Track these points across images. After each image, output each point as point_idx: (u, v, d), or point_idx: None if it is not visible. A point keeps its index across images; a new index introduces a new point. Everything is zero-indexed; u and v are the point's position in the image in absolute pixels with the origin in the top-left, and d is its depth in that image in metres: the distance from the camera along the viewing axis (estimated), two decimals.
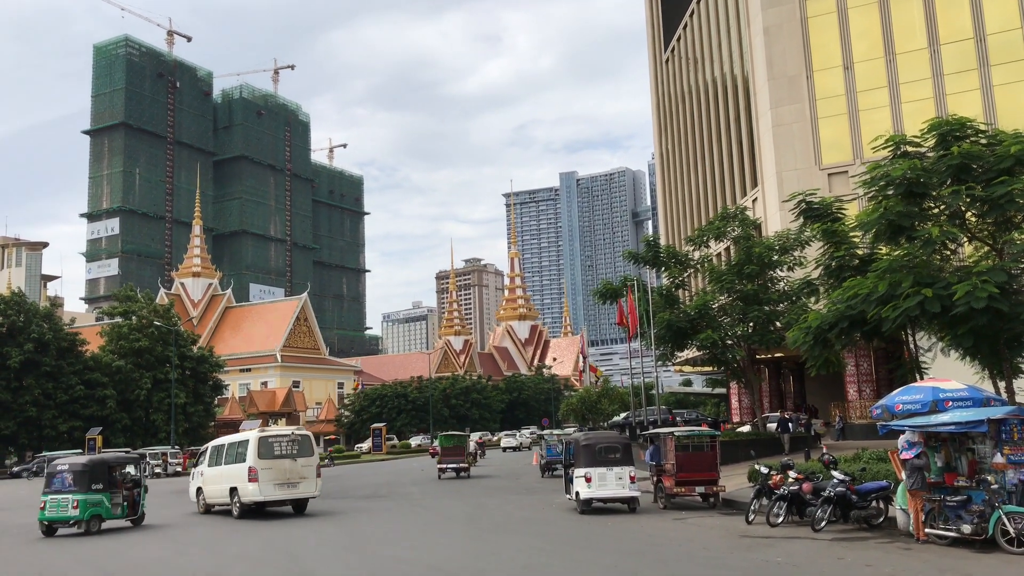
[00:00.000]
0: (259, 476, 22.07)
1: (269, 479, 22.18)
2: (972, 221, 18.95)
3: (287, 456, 22.61)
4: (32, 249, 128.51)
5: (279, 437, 23.11)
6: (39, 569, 15.57)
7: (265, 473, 22.14)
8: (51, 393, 59.35)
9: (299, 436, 23.19)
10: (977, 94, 39.17)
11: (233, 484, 22.81)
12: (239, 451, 23.13)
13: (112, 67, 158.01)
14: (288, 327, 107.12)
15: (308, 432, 24.09)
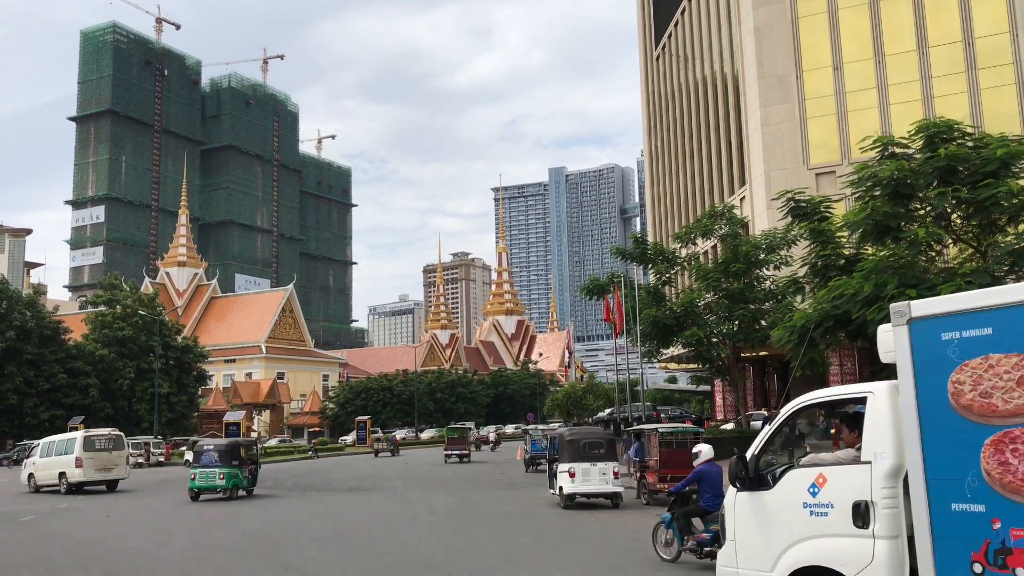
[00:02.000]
0: (84, 463, 29.67)
1: (91, 466, 29.85)
2: (957, 223, 19.08)
3: (105, 449, 30.46)
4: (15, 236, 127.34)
5: (99, 436, 31.20)
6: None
7: (88, 461, 29.78)
8: (33, 381, 58.95)
9: (114, 435, 31.50)
10: (964, 97, 39.42)
11: (62, 469, 30.11)
12: (67, 446, 30.45)
13: (99, 54, 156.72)
14: (273, 318, 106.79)
15: (120, 433, 32.66)
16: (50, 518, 21.96)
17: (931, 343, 6.24)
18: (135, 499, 27.49)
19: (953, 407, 6.05)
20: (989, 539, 5.79)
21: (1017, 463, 5.63)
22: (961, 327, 6.07)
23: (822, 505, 7.07)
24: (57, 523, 20.73)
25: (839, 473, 7.07)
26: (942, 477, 6.07)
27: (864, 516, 6.69)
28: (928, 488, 6.15)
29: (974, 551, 5.86)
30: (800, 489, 7.33)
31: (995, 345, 5.84)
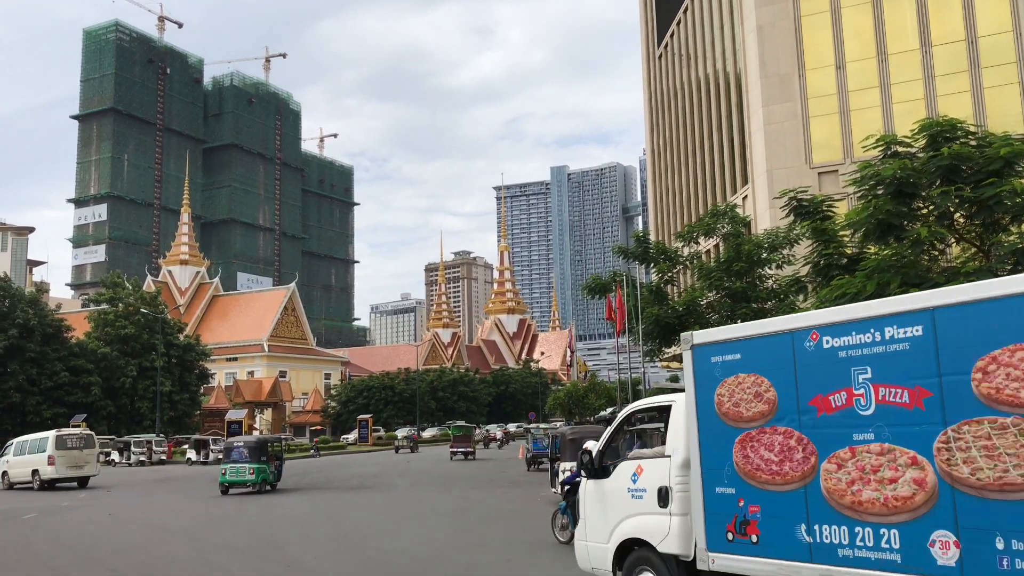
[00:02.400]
0: (56, 461, 31.15)
1: (63, 463, 31.40)
2: (960, 222, 19.03)
3: (76, 448, 32.11)
4: (18, 234, 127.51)
5: (71, 435, 33.09)
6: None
7: (60, 459, 31.31)
8: (35, 379, 59.00)
9: (85, 435, 33.69)
10: (967, 96, 39.37)
11: (35, 467, 31.61)
12: (40, 445, 31.99)
13: (102, 52, 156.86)
14: (275, 317, 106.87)
15: (91, 432, 35.09)
16: (53, 516, 21.99)
17: (705, 364, 7.98)
18: (138, 498, 27.52)
19: (717, 414, 7.78)
20: (737, 514, 7.53)
21: (753, 456, 7.43)
22: (723, 352, 7.78)
23: (640, 490, 8.81)
24: (60, 522, 20.75)
25: (651, 464, 8.77)
26: (711, 468, 7.82)
27: (664, 498, 8.42)
28: (703, 476, 7.91)
29: (727, 523, 7.61)
30: (626, 477, 9.05)
31: (742, 367, 7.60)
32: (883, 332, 6.55)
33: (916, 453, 6.27)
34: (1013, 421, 5.66)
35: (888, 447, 6.47)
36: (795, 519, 7.07)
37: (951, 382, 6.07)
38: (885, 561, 6.33)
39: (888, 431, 6.49)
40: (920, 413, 6.28)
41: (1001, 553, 5.66)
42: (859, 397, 6.71)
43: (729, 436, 7.66)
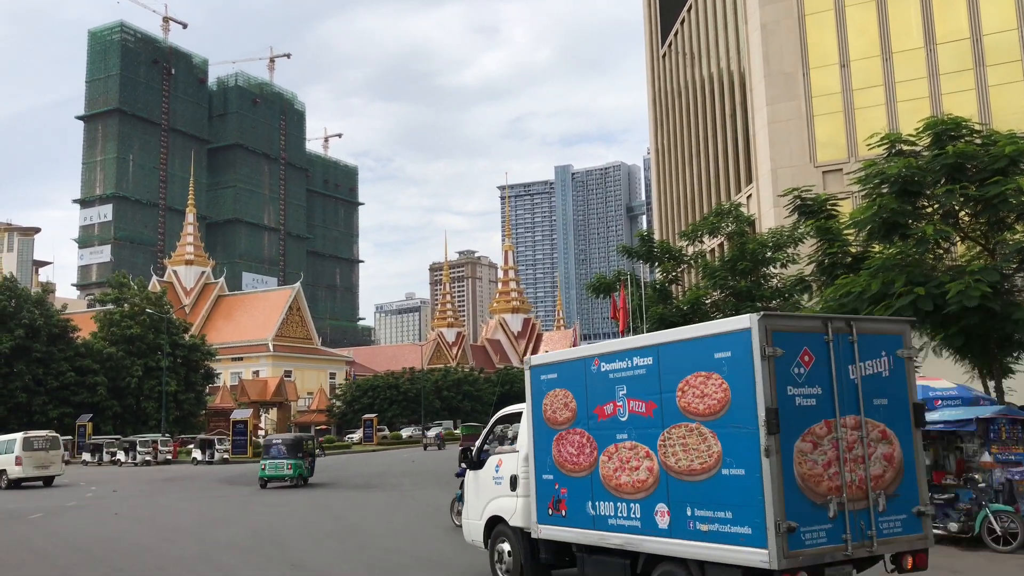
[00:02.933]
0: (23, 462, 32.86)
1: (30, 464, 33.16)
2: (965, 220, 18.99)
3: (42, 449, 33.88)
4: (24, 234, 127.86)
5: (38, 436, 34.75)
6: None
7: (27, 460, 33.04)
8: (41, 379, 59.19)
9: (51, 437, 35.43)
10: (972, 94, 39.26)
11: (3, 467, 33.27)
12: (8, 446, 33.72)
13: (107, 53, 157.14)
14: (280, 316, 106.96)
15: (56, 434, 36.56)
16: (58, 516, 22.06)
17: (537, 381, 10.41)
18: (144, 497, 27.60)
19: (544, 419, 10.21)
20: (554, 495, 9.91)
21: (563, 451, 9.82)
22: (547, 372, 10.23)
23: (500, 478, 11.32)
24: (65, 521, 20.82)
25: (506, 458, 11.29)
26: (540, 460, 10.24)
27: (514, 483, 10.94)
28: (535, 466, 10.34)
29: (548, 502, 10.02)
30: (492, 468, 11.59)
31: (558, 384, 10.03)
32: (632, 361, 8.94)
33: (649, 449, 8.63)
34: (695, 426, 8.08)
35: (635, 444, 8.82)
36: (585, 498, 9.48)
37: (666, 398, 8.42)
38: (632, 527, 8.79)
39: (635, 432, 8.84)
40: (651, 419, 8.61)
41: (690, 518, 8.11)
42: (620, 407, 9.07)
43: (550, 436, 10.09)
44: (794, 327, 7.93)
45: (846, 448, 7.79)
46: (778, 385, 7.50)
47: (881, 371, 8.21)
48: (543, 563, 10.54)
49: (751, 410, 7.52)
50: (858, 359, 8.04)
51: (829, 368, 7.84)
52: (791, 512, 7.35)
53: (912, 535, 8.10)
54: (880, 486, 7.95)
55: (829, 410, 7.76)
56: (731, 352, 7.79)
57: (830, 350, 7.88)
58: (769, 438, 7.37)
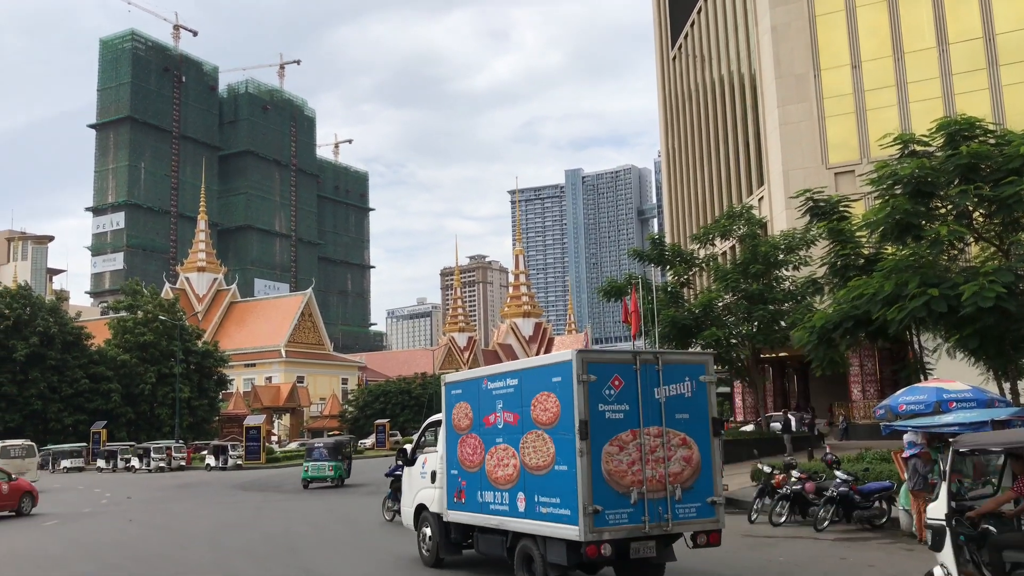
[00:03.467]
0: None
1: None
2: (979, 221, 18.85)
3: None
4: (38, 243, 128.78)
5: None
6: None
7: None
8: (56, 386, 59.52)
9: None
10: (986, 94, 39.03)
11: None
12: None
13: (118, 61, 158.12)
14: (292, 322, 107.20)
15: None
16: (73, 523, 22.14)
17: (448, 395, 12.92)
18: (158, 503, 27.67)
19: (453, 425, 12.62)
20: (458, 487, 12.27)
21: (464, 451, 12.16)
22: (455, 388, 12.78)
23: (424, 473, 13.90)
24: (80, 528, 20.88)
25: (430, 456, 13.81)
26: (449, 458, 12.67)
27: (434, 477, 13.37)
28: (447, 463, 12.76)
29: (454, 492, 12.39)
30: (420, 465, 14.25)
31: (462, 398, 12.44)
32: (506, 381, 11.37)
33: (515, 450, 10.96)
34: (540, 432, 10.46)
35: (507, 446, 11.15)
36: (476, 488, 11.83)
37: (524, 411, 10.80)
38: (503, 511, 11.16)
39: (507, 437, 11.17)
40: (516, 427, 10.98)
41: (536, 503, 10.44)
42: (498, 417, 11.41)
43: (456, 439, 12.50)
44: (607, 359, 10.34)
45: (648, 451, 10.04)
46: (590, 403, 9.84)
47: (684, 393, 10.41)
48: (453, 542, 12.96)
49: (572, 421, 9.84)
50: (662, 383, 10.27)
51: (636, 390, 10.11)
52: (598, 499, 9.65)
53: (705, 519, 10.34)
54: (678, 481, 10.11)
55: (635, 422, 10.02)
56: (561, 378, 10.13)
57: (637, 377, 10.15)
58: (582, 442, 9.71)
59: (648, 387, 10.20)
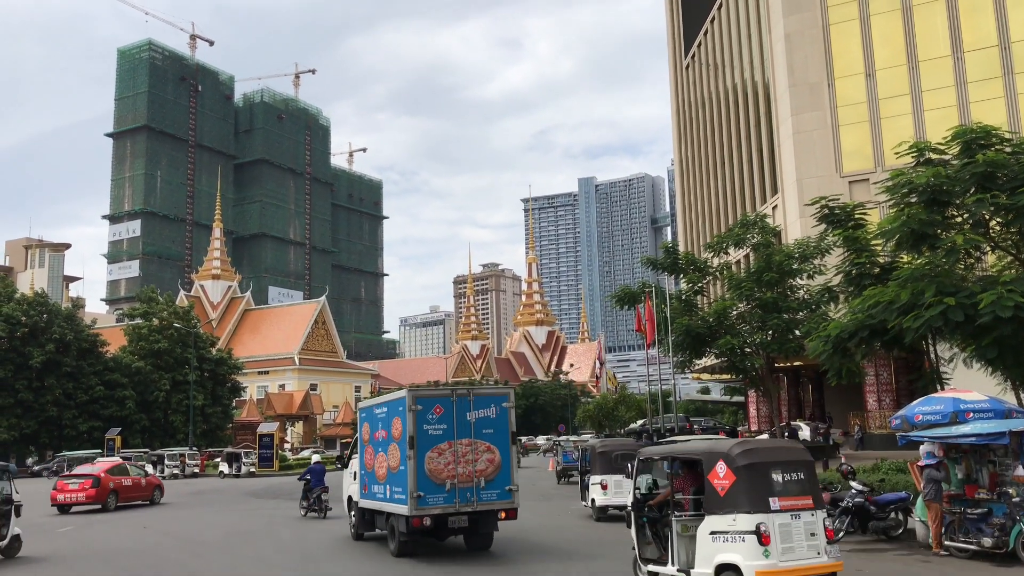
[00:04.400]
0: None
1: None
2: (996, 230, 18.71)
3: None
4: (55, 250, 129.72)
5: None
6: None
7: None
8: (72, 393, 59.87)
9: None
10: (1001, 102, 38.78)
11: None
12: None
13: (135, 71, 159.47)
14: (306, 330, 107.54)
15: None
16: (87, 529, 22.24)
17: (361, 415, 18.10)
18: (172, 511, 27.76)
19: (363, 439, 17.59)
20: (364, 482, 17.17)
21: (368, 458, 17.04)
22: (363, 411, 17.96)
23: (352, 472, 18.75)
24: (94, 535, 20.96)
25: (354, 461, 18.50)
26: (361, 462, 17.58)
27: (355, 475, 18.31)
28: (361, 466, 17.62)
29: (363, 486, 17.32)
30: (352, 468, 19.01)
31: (367, 419, 17.52)
32: (383, 408, 16.17)
33: (385, 456, 15.68)
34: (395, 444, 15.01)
35: (382, 454, 15.77)
36: (372, 483, 16.56)
37: (389, 429, 15.49)
38: (382, 498, 15.86)
39: (385, 447, 15.80)
40: (388, 440, 15.64)
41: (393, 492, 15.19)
42: (380, 434, 16.22)
43: (363, 448, 17.49)
44: (430, 394, 15.09)
45: (461, 455, 14.74)
46: (417, 424, 14.62)
47: (490, 415, 15.04)
48: (367, 522, 17.57)
49: (406, 436, 14.68)
50: (473, 409, 14.95)
51: (452, 414, 14.85)
52: (421, 488, 14.46)
53: (504, 501, 14.94)
54: (483, 475, 14.78)
55: (451, 436, 14.76)
56: (402, 407, 14.95)
57: (453, 405, 14.92)
58: (410, 451, 14.57)
59: (462, 412, 14.89)
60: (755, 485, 9.82)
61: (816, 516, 9.94)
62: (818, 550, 9.80)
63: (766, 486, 9.83)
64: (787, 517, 9.69)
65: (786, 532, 9.67)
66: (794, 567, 9.54)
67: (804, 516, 9.81)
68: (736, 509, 9.75)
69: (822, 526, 9.96)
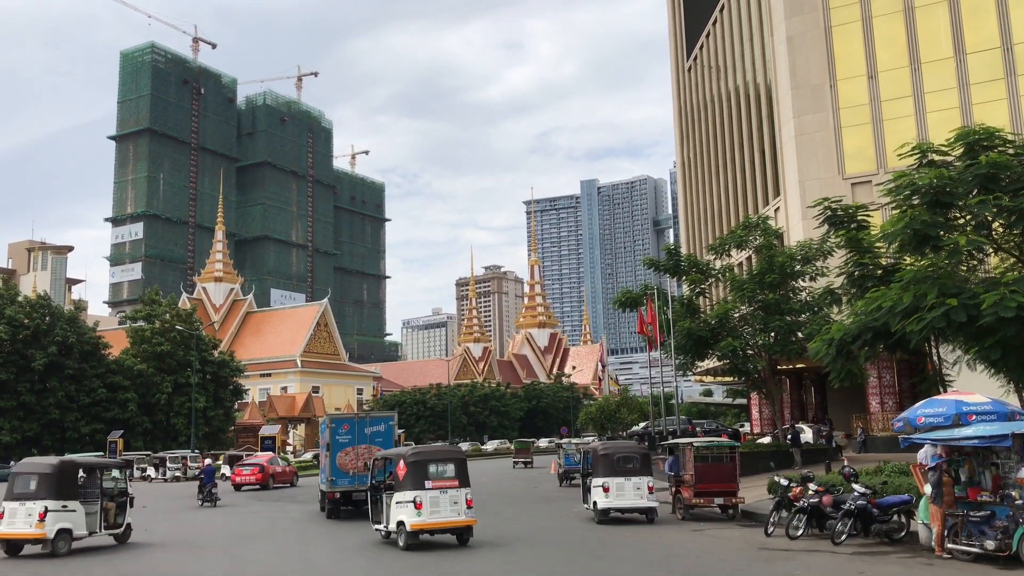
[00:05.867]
0: None
1: None
2: (999, 232, 18.66)
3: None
4: (57, 253, 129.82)
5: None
6: None
7: None
8: (74, 396, 59.90)
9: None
10: (1004, 104, 38.72)
11: None
12: None
13: (138, 73, 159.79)
14: (308, 332, 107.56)
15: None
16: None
17: (323, 426, 25.92)
18: (173, 513, 27.72)
19: (324, 443, 25.35)
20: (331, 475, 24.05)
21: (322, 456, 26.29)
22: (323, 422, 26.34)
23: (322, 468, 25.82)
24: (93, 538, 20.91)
25: (322, 457, 25.77)
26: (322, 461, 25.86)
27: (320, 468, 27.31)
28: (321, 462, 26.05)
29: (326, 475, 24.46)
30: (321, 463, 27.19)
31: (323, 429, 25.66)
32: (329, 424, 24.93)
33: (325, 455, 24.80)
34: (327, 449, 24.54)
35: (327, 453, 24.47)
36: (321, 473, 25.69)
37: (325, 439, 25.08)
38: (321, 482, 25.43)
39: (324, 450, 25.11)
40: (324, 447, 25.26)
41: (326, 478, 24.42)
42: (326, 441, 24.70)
43: (323, 449, 24.99)
44: (342, 416, 26.78)
45: (359, 456, 23.50)
46: (332, 436, 24.05)
47: (380, 429, 24.23)
48: (333, 502, 23.98)
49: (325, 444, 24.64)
50: (369, 426, 24.25)
51: (355, 429, 24.11)
52: (334, 474, 23.68)
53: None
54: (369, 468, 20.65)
55: (354, 443, 23.89)
56: (324, 426, 25.10)
57: (356, 424, 24.41)
58: (327, 452, 24.20)
59: (362, 428, 24.14)
60: (417, 473, 16.66)
61: (460, 492, 16.88)
62: (458, 512, 16.78)
63: (424, 474, 16.72)
64: (437, 493, 16.65)
65: (435, 501, 16.59)
66: (437, 522, 16.62)
67: (451, 492, 16.75)
68: (405, 488, 16.61)
69: (464, 498, 16.86)
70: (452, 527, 16.77)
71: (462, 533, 17.01)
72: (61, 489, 17.39)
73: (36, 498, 17.18)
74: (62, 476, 17.50)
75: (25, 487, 17.46)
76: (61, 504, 17.32)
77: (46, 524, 16.96)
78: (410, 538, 16.40)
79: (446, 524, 16.57)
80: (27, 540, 17.32)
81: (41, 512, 16.97)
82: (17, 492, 17.47)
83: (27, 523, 17.04)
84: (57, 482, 17.37)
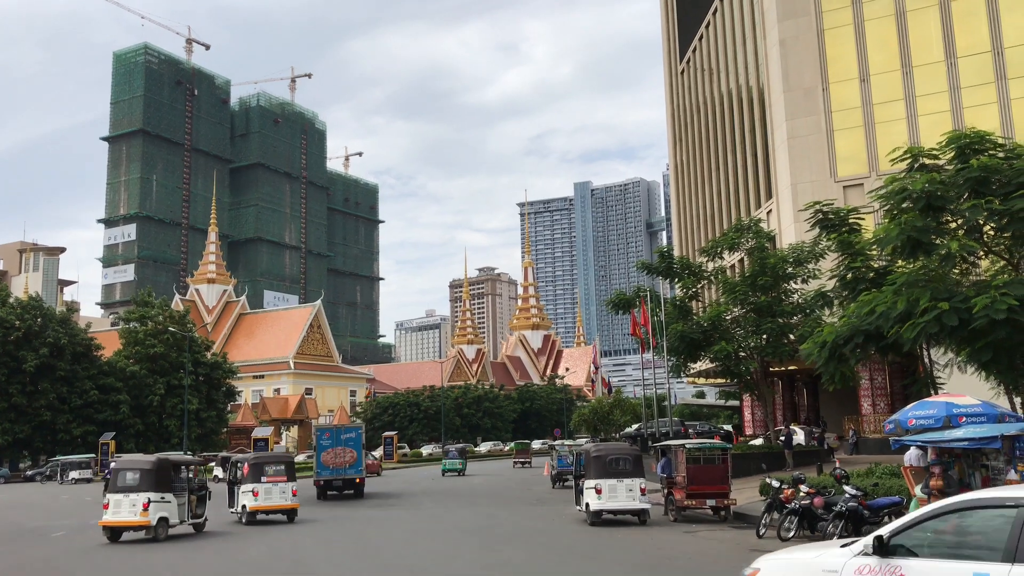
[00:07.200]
0: None
1: None
2: (990, 235, 18.76)
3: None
4: (50, 254, 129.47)
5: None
6: None
7: None
8: (66, 397, 59.72)
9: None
10: (994, 107, 38.95)
11: None
12: None
13: (131, 74, 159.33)
14: (301, 334, 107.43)
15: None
16: (81, 534, 22.16)
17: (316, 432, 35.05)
18: None
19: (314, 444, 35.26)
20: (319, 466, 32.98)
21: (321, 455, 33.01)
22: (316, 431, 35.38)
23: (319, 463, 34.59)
24: (87, 539, 20.89)
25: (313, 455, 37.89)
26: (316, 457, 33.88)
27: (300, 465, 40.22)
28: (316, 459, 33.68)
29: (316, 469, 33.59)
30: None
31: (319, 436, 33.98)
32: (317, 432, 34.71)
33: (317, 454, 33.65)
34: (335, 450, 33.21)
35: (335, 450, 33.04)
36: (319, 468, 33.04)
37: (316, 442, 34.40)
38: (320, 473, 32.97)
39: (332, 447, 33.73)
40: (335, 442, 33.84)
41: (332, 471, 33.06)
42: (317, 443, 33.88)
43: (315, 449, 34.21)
44: (327, 426, 36.24)
45: (337, 454, 32.46)
46: (318, 440, 33.48)
47: (352, 436, 32.96)
48: (323, 487, 32.45)
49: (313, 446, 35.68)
50: (344, 433, 33.06)
51: (334, 437, 32.85)
52: (319, 468, 32.71)
53: (357, 474, 32.46)
54: (347, 463, 32.29)
55: (333, 445, 32.62)
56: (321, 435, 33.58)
57: (335, 432, 33.28)
58: (313, 452, 36.57)
59: (338, 435, 32.76)
60: (254, 472, 23.15)
61: (287, 485, 23.22)
62: (286, 499, 23.21)
63: (260, 472, 23.18)
64: (270, 485, 23.05)
65: (267, 491, 23.03)
66: (267, 505, 23.09)
67: (280, 485, 23.10)
68: (248, 482, 23.14)
69: (290, 490, 23.19)
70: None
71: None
72: (160, 482, 19.76)
73: (139, 490, 19.48)
74: (160, 471, 19.96)
75: (127, 481, 19.66)
76: (160, 496, 19.74)
77: (149, 513, 19.37)
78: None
79: (276, 507, 23.35)
80: (131, 527, 19.64)
81: (144, 503, 19.34)
82: (120, 485, 19.63)
83: (132, 512, 19.40)
84: (156, 476, 19.70)
